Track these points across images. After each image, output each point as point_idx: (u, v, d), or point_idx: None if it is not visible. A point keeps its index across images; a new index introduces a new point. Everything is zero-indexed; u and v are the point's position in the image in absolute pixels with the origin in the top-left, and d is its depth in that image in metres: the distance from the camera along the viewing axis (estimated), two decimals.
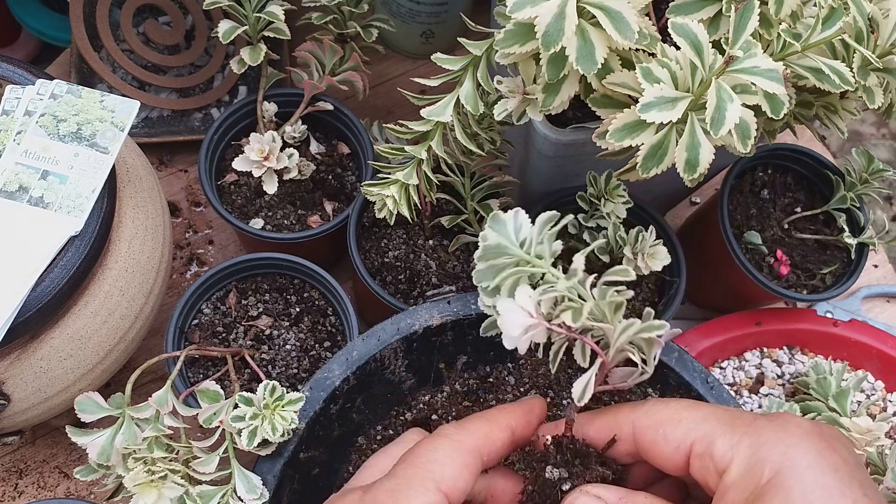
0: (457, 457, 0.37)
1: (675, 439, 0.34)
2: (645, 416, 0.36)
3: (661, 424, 0.35)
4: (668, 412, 0.35)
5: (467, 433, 0.38)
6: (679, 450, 0.34)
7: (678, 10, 0.45)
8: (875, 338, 0.75)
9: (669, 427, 0.35)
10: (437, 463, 0.36)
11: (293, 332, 0.63)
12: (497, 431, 0.39)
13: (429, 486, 0.35)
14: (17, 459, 0.68)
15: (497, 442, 0.39)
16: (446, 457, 0.37)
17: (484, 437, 0.38)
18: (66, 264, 0.51)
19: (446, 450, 0.37)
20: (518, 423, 0.40)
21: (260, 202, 0.70)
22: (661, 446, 0.35)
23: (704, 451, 0.33)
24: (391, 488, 0.36)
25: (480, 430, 0.39)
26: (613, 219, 0.60)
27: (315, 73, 0.70)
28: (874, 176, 0.68)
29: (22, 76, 0.56)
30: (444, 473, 0.36)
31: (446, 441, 0.38)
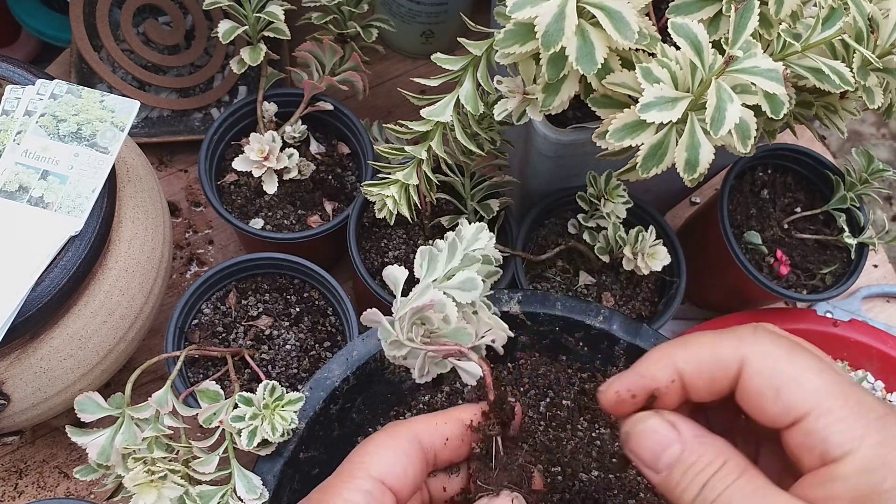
0: (391, 444, 0.37)
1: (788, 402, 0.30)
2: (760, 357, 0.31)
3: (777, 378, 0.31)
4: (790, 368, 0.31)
5: (405, 424, 0.38)
6: (787, 414, 0.30)
7: (678, 10, 0.45)
8: (875, 338, 0.75)
9: (787, 385, 0.31)
10: (370, 454, 0.36)
11: (293, 332, 0.63)
12: (443, 423, 0.38)
13: (358, 474, 0.35)
14: (17, 459, 0.68)
15: (443, 431, 0.38)
16: (379, 445, 0.37)
17: (426, 424, 0.38)
18: (66, 264, 0.51)
19: (380, 439, 0.37)
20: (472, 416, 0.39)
21: (260, 202, 0.70)
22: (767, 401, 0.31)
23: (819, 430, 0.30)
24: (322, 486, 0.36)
25: (422, 420, 0.39)
26: (613, 219, 0.60)
27: (315, 73, 0.70)
28: (874, 176, 0.68)
29: (22, 76, 0.56)
30: (375, 461, 0.36)
31: (381, 433, 0.38)
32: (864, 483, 0.28)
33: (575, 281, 0.65)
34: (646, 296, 0.65)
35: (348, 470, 0.36)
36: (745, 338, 0.33)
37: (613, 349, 0.54)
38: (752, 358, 0.32)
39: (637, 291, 0.65)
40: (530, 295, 0.54)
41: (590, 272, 0.64)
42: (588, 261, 0.65)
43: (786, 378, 0.31)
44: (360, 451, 0.37)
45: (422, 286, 0.37)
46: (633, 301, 0.65)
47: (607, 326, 0.53)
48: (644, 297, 0.65)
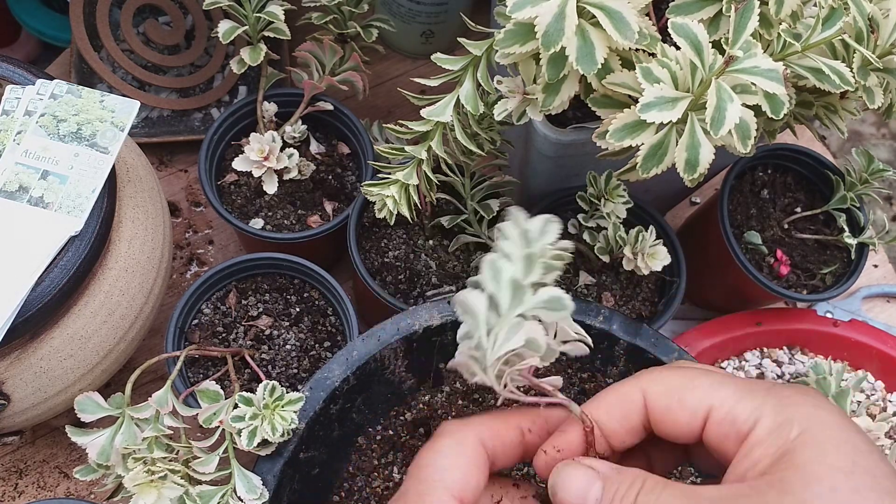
0: (462, 456, 0.36)
1: (691, 404, 0.34)
2: (656, 382, 0.35)
3: (675, 390, 0.34)
4: (680, 378, 0.35)
5: (469, 426, 0.37)
6: (696, 415, 0.34)
7: (678, 10, 0.45)
8: (875, 338, 0.75)
9: (685, 392, 0.34)
10: (445, 469, 0.35)
11: (293, 332, 0.63)
12: (505, 428, 0.38)
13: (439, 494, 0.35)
14: (17, 459, 0.68)
15: (505, 439, 0.37)
16: (450, 458, 0.36)
17: (489, 431, 0.37)
18: (66, 264, 0.51)
19: (450, 451, 0.36)
20: (529, 424, 0.38)
21: (260, 202, 0.70)
22: (675, 412, 0.34)
23: (725, 415, 0.33)
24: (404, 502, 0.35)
25: (485, 423, 0.38)
26: (613, 219, 0.60)
27: (315, 73, 0.70)
28: (874, 176, 0.68)
29: (22, 76, 0.56)
30: (453, 478, 0.35)
31: (448, 441, 0.37)
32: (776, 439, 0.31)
33: (575, 281, 0.65)
34: (646, 296, 0.65)
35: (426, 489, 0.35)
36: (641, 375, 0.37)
37: (613, 349, 0.54)
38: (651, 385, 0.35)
39: (637, 291, 0.65)
40: None
41: (590, 272, 0.64)
42: (588, 261, 0.65)
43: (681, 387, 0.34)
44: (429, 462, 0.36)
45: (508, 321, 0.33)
46: (633, 301, 0.65)
47: (607, 326, 0.53)
48: (644, 297, 0.65)
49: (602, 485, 0.34)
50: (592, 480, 0.34)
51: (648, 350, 0.53)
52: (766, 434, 0.32)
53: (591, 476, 0.34)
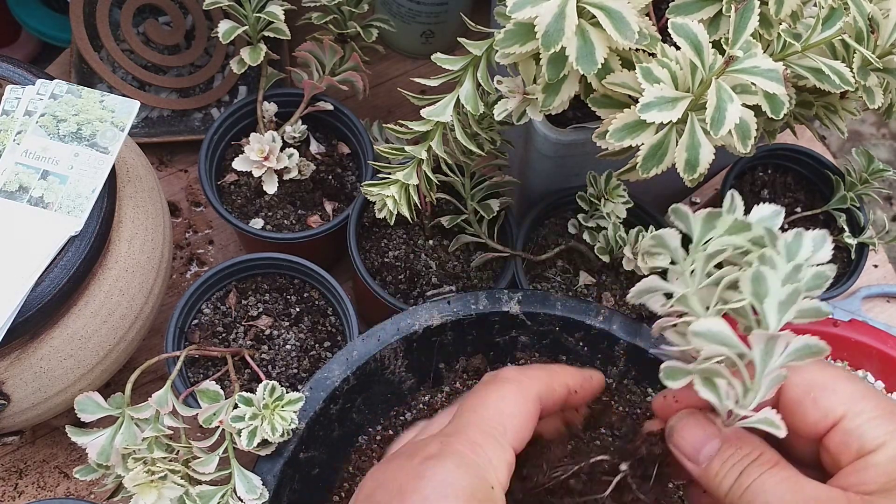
0: (525, 406, 0.37)
1: (825, 407, 0.34)
2: (797, 373, 0.34)
3: (813, 387, 0.34)
4: (823, 377, 0.34)
5: (531, 379, 0.38)
6: (826, 418, 0.34)
7: (678, 10, 0.45)
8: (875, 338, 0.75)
9: (822, 393, 0.34)
10: (508, 415, 0.36)
11: (293, 332, 0.63)
12: (557, 385, 0.39)
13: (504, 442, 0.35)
14: (17, 459, 0.68)
15: (555, 395, 0.39)
16: (515, 406, 0.37)
17: (546, 387, 0.38)
18: (66, 264, 0.51)
19: (515, 398, 0.37)
20: (576, 384, 0.40)
21: (260, 202, 0.70)
22: (807, 409, 0.34)
23: (856, 428, 0.33)
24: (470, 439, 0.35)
25: (542, 378, 0.39)
26: (613, 219, 0.60)
27: (315, 73, 0.70)
28: (874, 176, 0.68)
29: (22, 76, 0.56)
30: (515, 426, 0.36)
31: (513, 387, 0.37)
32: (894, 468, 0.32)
33: (575, 281, 0.65)
34: None
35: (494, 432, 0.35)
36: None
37: (613, 349, 0.54)
38: (792, 374, 0.34)
39: None
40: (530, 295, 0.54)
41: (590, 272, 0.64)
42: (588, 261, 0.65)
43: (821, 386, 0.34)
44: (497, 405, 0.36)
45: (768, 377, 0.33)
46: None
47: (607, 326, 0.53)
48: None
49: (720, 444, 0.34)
50: (712, 436, 0.35)
51: (648, 350, 0.53)
52: (886, 461, 0.32)
53: (712, 432, 0.35)
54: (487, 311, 0.53)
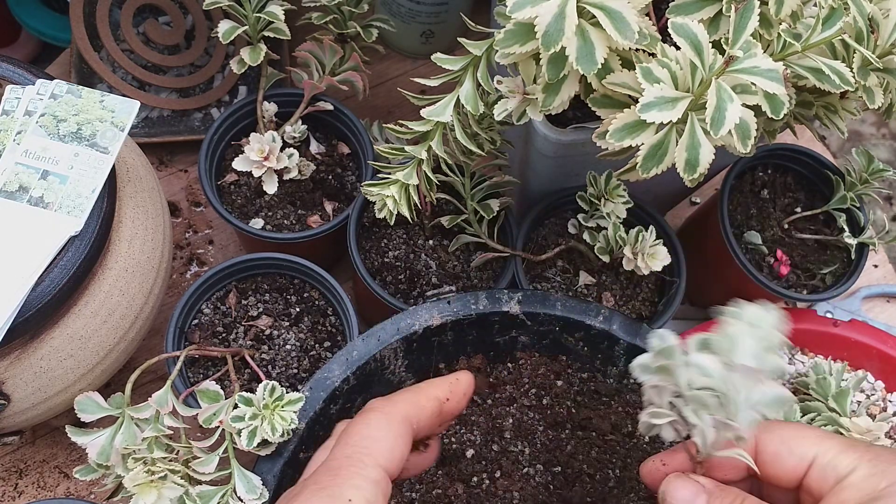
0: (390, 429, 0.38)
1: (799, 452, 0.39)
2: (769, 431, 0.40)
3: (786, 439, 0.39)
4: (790, 430, 0.40)
5: (394, 404, 0.40)
6: (802, 461, 0.38)
7: (678, 10, 0.45)
8: (875, 338, 0.75)
9: (795, 441, 0.39)
10: (372, 438, 0.38)
11: (293, 332, 0.63)
12: (424, 400, 0.41)
13: (367, 461, 0.37)
14: (17, 459, 0.68)
15: (425, 410, 0.41)
16: (379, 430, 0.38)
17: (412, 406, 0.40)
18: (66, 264, 0.51)
19: (378, 423, 0.39)
20: (445, 394, 0.42)
21: (260, 202, 0.70)
22: (784, 457, 0.39)
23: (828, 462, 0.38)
24: (331, 468, 0.37)
25: (408, 399, 0.41)
26: (613, 219, 0.60)
27: (315, 73, 0.70)
28: (874, 176, 0.68)
29: (22, 76, 0.56)
30: (380, 448, 0.37)
31: (377, 415, 0.39)
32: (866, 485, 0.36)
33: (575, 281, 0.65)
34: (646, 296, 0.65)
35: (356, 455, 0.37)
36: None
37: (613, 349, 0.54)
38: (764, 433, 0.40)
39: (637, 291, 0.65)
40: (530, 295, 0.54)
41: (590, 272, 0.64)
42: (588, 261, 0.65)
43: (791, 437, 0.39)
44: (360, 432, 0.38)
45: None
46: (633, 301, 0.65)
47: (607, 326, 0.53)
48: (644, 297, 0.65)
49: (707, 498, 0.38)
50: (699, 492, 0.39)
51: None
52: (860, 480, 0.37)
53: (697, 488, 0.39)
54: (487, 311, 0.53)
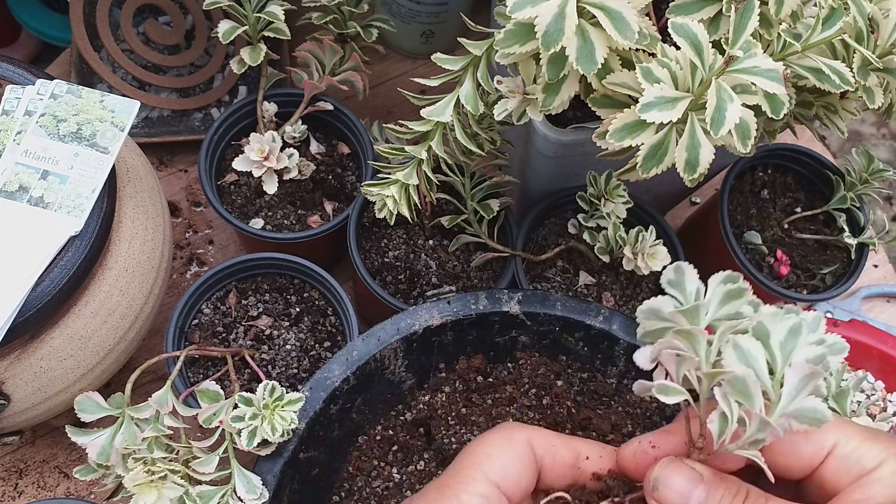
0: (508, 448, 0.36)
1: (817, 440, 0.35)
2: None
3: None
4: None
5: (524, 429, 0.37)
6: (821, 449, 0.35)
7: (678, 10, 0.45)
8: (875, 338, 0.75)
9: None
10: (486, 455, 0.36)
11: (293, 332, 0.63)
12: (561, 445, 0.38)
13: (477, 475, 0.35)
14: (17, 459, 0.68)
15: (558, 455, 0.37)
16: (495, 447, 0.36)
17: (543, 440, 0.37)
18: (66, 264, 0.51)
19: (497, 441, 0.36)
20: (589, 452, 0.38)
21: (260, 202, 0.70)
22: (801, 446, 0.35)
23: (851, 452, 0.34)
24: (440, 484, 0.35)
25: (541, 432, 0.38)
26: (613, 219, 0.60)
27: (315, 73, 0.70)
28: (874, 176, 0.68)
29: (22, 76, 0.56)
30: (494, 465, 0.35)
31: (497, 433, 0.37)
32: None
33: (575, 281, 0.65)
34: (646, 296, 0.65)
35: (465, 470, 0.35)
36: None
37: (613, 349, 0.54)
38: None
39: (637, 291, 0.65)
40: (530, 295, 0.54)
41: (590, 272, 0.64)
42: (588, 261, 0.65)
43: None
44: (476, 449, 0.36)
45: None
46: (633, 301, 0.65)
47: (607, 326, 0.53)
48: (644, 297, 0.65)
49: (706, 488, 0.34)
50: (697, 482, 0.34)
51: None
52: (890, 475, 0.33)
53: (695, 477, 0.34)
54: (487, 311, 0.53)
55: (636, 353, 0.35)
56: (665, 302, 0.34)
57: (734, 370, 0.32)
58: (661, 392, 0.33)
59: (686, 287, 0.34)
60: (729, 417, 0.32)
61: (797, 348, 0.32)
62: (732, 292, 0.33)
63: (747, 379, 0.31)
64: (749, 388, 0.31)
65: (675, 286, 0.34)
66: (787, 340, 0.32)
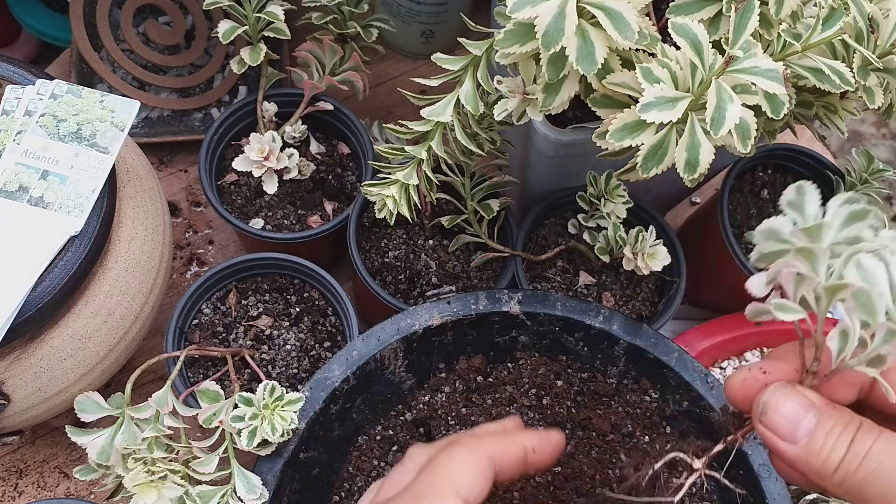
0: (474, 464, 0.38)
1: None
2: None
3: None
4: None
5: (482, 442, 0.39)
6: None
7: (678, 10, 0.45)
8: None
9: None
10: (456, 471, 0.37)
11: (293, 332, 0.63)
12: (512, 446, 0.39)
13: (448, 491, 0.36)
14: (17, 459, 0.68)
15: (511, 456, 0.39)
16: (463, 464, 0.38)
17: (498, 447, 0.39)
18: (66, 264, 0.51)
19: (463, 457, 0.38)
20: (533, 444, 0.40)
21: (260, 202, 0.70)
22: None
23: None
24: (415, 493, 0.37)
25: (495, 440, 0.39)
26: (613, 219, 0.60)
27: (315, 73, 0.70)
28: (874, 176, 0.68)
29: (22, 76, 0.56)
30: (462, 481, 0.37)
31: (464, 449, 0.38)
32: None
33: (575, 281, 0.65)
34: (646, 296, 0.65)
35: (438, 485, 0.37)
36: None
37: (613, 349, 0.54)
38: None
39: (637, 291, 0.65)
40: (530, 295, 0.54)
41: (590, 272, 0.64)
42: (588, 261, 0.65)
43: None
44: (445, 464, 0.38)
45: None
46: (633, 301, 0.65)
47: (607, 326, 0.53)
48: (644, 297, 0.65)
49: (818, 416, 0.32)
50: (808, 408, 0.33)
51: (648, 350, 0.53)
52: None
53: (807, 404, 0.33)
54: (487, 311, 0.53)
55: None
56: (784, 222, 0.32)
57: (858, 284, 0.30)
58: (780, 309, 0.31)
59: (806, 208, 0.32)
60: (851, 333, 0.30)
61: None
62: (855, 213, 0.31)
63: (872, 292, 0.29)
64: (874, 302, 0.29)
65: (795, 207, 0.32)
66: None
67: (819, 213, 0.32)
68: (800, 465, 0.33)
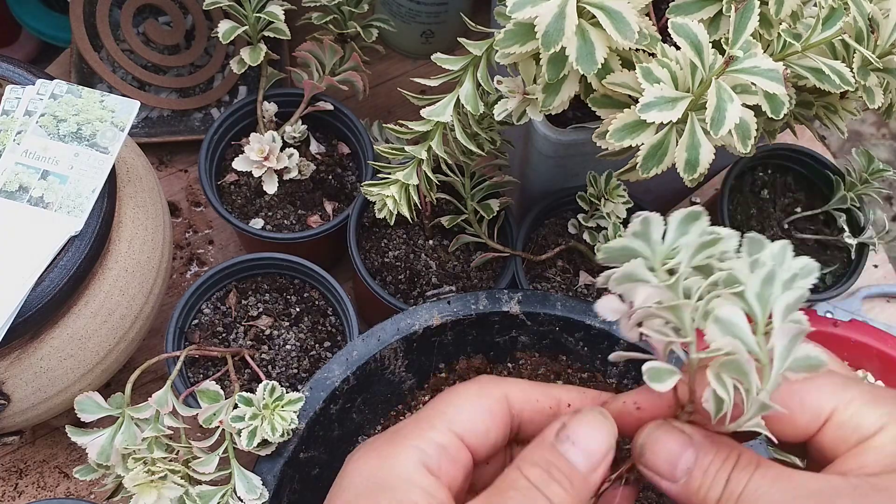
0: (479, 401, 0.34)
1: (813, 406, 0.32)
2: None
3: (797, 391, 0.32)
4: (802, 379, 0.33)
5: (500, 381, 0.36)
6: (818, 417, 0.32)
7: (678, 10, 0.45)
8: (875, 338, 0.75)
9: (808, 394, 0.32)
10: (454, 405, 0.34)
11: (293, 332, 0.63)
12: (542, 396, 0.36)
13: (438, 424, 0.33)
14: (17, 459, 0.68)
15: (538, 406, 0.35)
16: (464, 398, 0.34)
17: (522, 393, 0.35)
18: (66, 264, 0.51)
19: (469, 391, 0.35)
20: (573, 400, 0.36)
21: (260, 202, 0.70)
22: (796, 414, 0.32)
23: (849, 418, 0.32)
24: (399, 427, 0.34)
25: (520, 385, 0.36)
26: (613, 219, 0.60)
27: (315, 73, 0.70)
28: (874, 176, 0.68)
29: (22, 76, 0.56)
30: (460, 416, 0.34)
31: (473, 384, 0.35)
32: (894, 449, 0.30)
33: (575, 281, 0.65)
34: None
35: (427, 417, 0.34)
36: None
37: (613, 349, 0.54)
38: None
39: None
40: (530, 295, 0.54)
41: (590, 272, 0.64)
42: (588, 261, 0.65)
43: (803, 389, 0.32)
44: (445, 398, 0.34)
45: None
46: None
47: (607, 326, 0.53)
48: None
49: (695, 453, 0.32)
50: (685, 446, 0.32)
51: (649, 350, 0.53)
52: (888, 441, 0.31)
53: (684, 441, 0.32)
54: (487, 311, 0.53)
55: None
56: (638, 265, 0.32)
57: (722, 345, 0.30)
58: (654, 379, 0.31)
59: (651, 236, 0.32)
60: (726, 399, 0.30)
61: (775, 299, 0.30)
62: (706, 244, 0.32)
63: (740, 359, 0.29)
64: (743, 366, 0.30)
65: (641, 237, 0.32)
66: (763, 291, 0.31)
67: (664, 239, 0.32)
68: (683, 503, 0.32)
